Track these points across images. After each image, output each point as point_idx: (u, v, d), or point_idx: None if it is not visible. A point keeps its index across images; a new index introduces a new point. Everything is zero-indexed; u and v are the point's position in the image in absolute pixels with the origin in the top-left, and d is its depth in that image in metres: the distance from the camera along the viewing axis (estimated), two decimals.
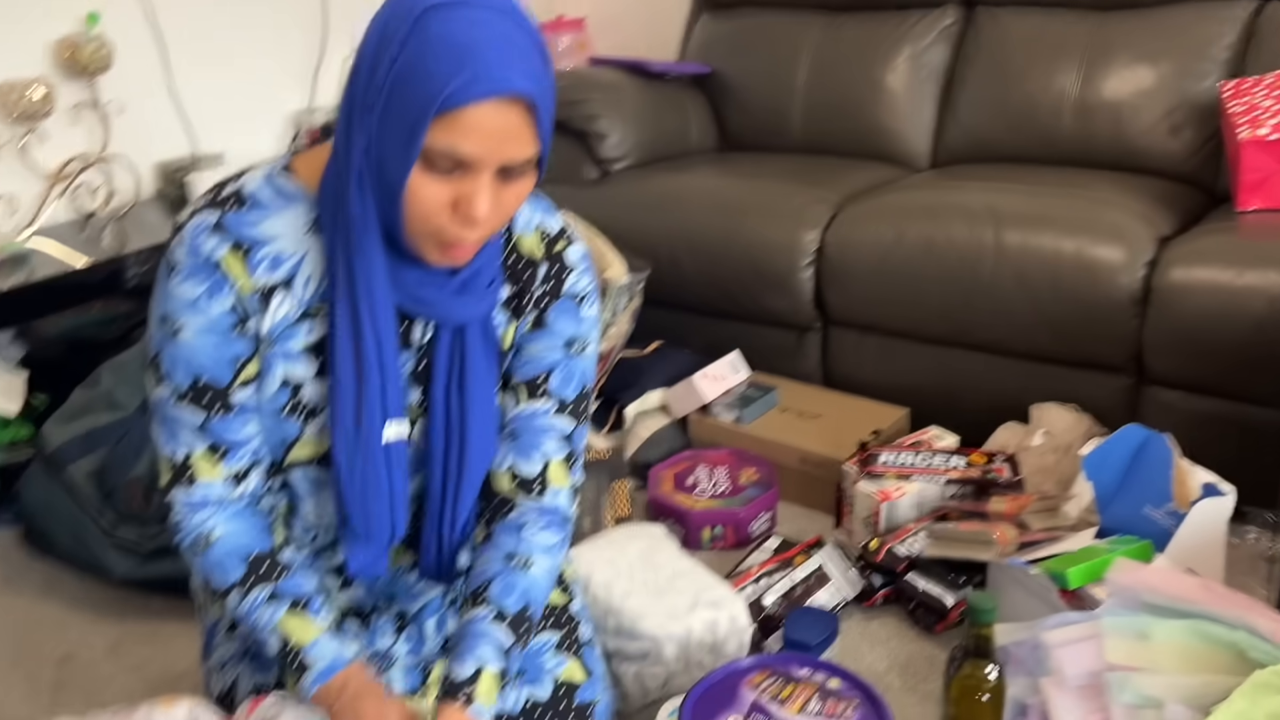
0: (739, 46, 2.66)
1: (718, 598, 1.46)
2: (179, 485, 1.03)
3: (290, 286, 0.99)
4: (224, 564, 1.01)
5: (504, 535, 1.08)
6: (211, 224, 0.97)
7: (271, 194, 0.99)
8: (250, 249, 0.97)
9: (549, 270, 1.09)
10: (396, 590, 1.17)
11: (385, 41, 0.88)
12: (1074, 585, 1.38)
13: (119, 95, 2.30)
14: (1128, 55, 2.22)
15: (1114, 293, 1.78)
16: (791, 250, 2.08)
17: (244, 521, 1.03)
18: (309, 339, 1.01)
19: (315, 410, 1.03)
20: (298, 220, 0.99)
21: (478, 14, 0.87)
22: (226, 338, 0.98)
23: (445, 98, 0.85)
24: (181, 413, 1.00)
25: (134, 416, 1.79)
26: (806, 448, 1.92)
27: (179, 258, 0.97)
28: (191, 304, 0.97)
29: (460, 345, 1.04)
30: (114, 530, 1.72)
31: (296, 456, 1.05)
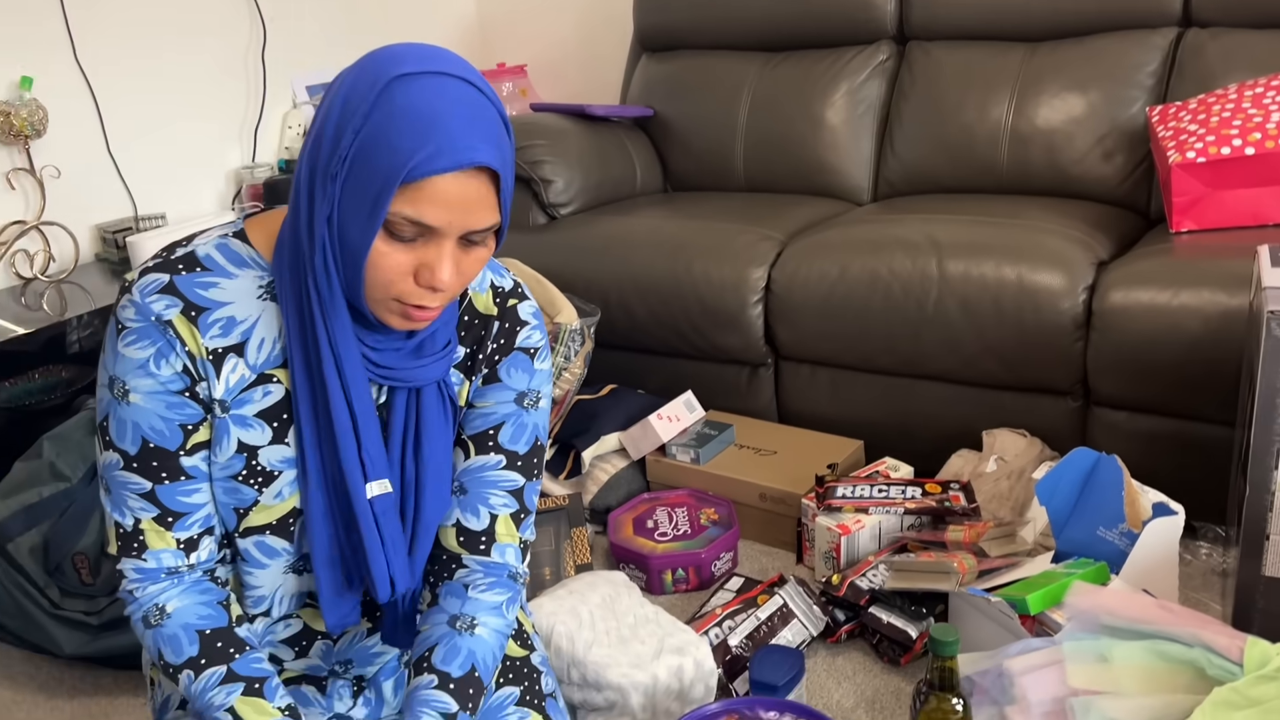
0: (679, 88, 2.69)
1: (682, 643, 1.45)
2: (129, 555, 1.00)
3: (243, 351, 0.98)
4: (177, 639, 0.99)
5: (449, 598, 1.07)
6: (162, 284, 0.95)
7: (224, 258, 0.98)
8: (201, 312, 0.96)
9: (501, 326, 1.09)
10: (354, 655, 1.15)
11: (349, 110, 0.88)
12: (1034, 611, 1.39)
13: (55, 159, 2.27)
14: (1058, 84, 2.28)
15: (1057, 318, 1.82)
16: (740, 288, 2.10)
17: (198, 595, 1.01)
18: (263, 404, 1.00)
19: (271, 476, 1.02)
20: (250, 285, 0.98)
21: (443, 83, 0.88)
22: (176, 402, 0.97)
23: (410, 169, 0.85)
24: (130, 479, 0.98)
25: (78, 487, 1.75)
26: (765, 484, 1.92)
27: (128, 318, 0.95)
28: (140, 366, 0.95)
29: (416, 406, 1.04)
30: (61, 605, 1.67)
31: (251, 523, 1.03)
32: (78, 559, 1.74)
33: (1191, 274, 1.73)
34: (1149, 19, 2.25)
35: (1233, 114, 1.91)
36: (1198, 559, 1.76)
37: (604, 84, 3.10)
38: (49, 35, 2.27)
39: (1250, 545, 1.39)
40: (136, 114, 2.44)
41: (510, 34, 3.25)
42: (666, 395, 2.21)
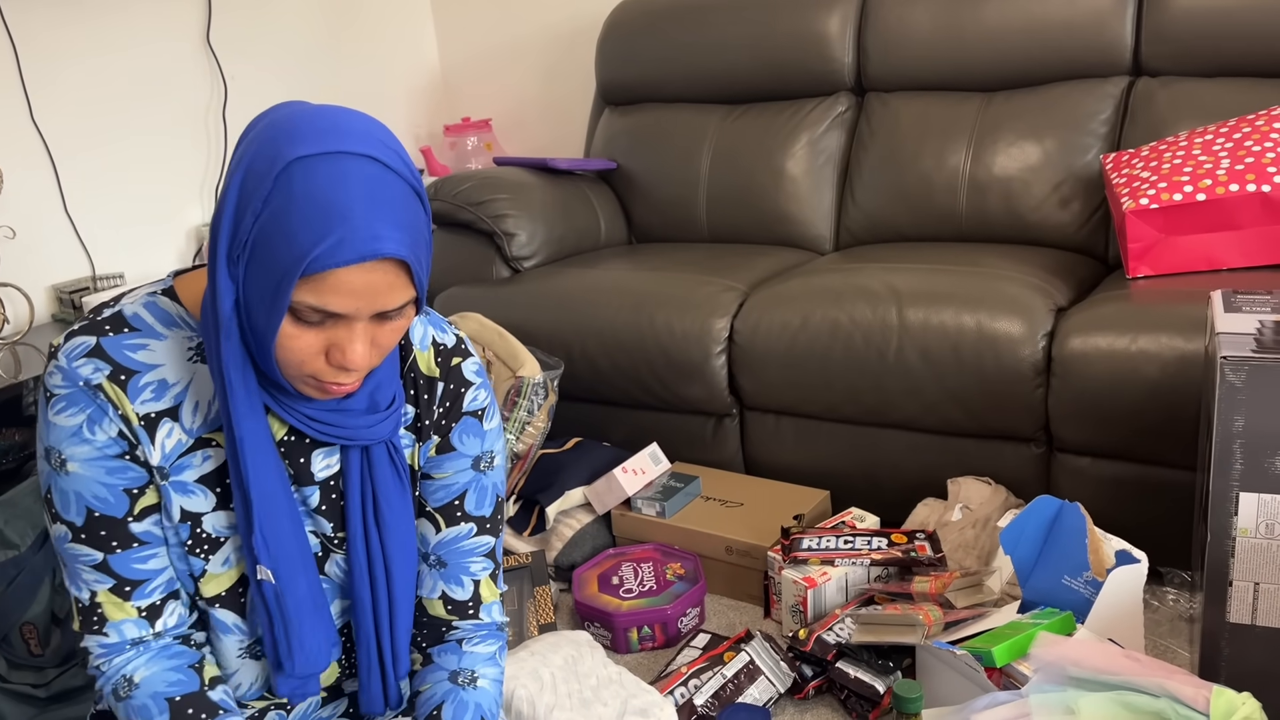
0: (642, 141, 2.71)
1: (645, 704, 1.42)
2: (90, 630, 0.97)
3: (178, 415, 0.95)
4: (146, 710, 0.95)
5: (446, 655, 1.08)
6: (89, 348, 0.92)
7: (153, 317, 0.95)
8: (132, 375, 0.93)
9: (446, 389, 1.07)
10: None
11: (247, 194, 0.84)
12: (1000, 663, 1.38)
13: (10, 219, 2.25)
14: (1014, 133, 2.31)
15: (1017, 365, 1.82)
16: (703, 339, 2.10)
17: (166, 661, 0.98)
18: (203, 469, 0.97)
19: (217, 542, 0.99)
20: (179, 346, 0.95)
21: (344, 165, 0.83)
22: (117, 466, 0.94)
23: (309, 262, 0.82)
24: (80, 550, 0.95)
25: (26, 555, 1.71)
26: (731, 537, 1.90)
27: (55, 385, 0.92)
28: (74, 434, 0.92)
29: (369, 469, 1.02)
30: (8, 678, 1.62)
31: (205, 593, 1.01)
32: (25, 629, 1.69)
33: (1148, 319, 1.75)
34: (1101, 69, 2.29)
35: (1184, 161, 1.94)
36: (1165, 605, 1.75)
37: (567, 137, 3.12)
38: (4, 95, 2.25)
39: (1214, 592, 1.38)
40: (94, 173, 2.43)
41: (474, 88, 3.27)
42: (632, 447, 2.19)
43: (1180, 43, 2.20)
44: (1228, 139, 1.94)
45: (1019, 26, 2.32)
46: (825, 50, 2.54)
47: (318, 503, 1.03)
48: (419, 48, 3.26)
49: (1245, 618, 1.38)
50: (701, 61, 2.66)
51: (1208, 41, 2.16)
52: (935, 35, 2.41)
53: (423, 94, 3.27)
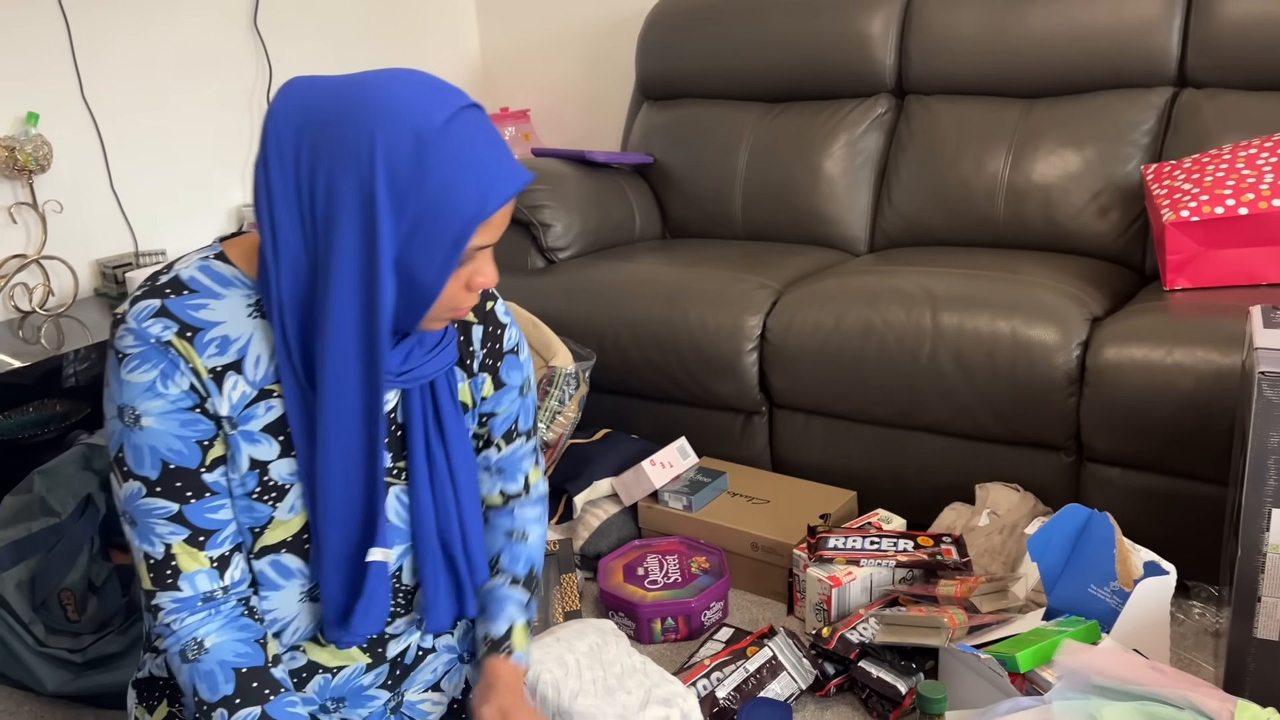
0: (680, 136, 2.71)
1: (669, 694, 1.43)
2: (163, 586, 1.00)
3: (241, 368, 1.00)
4: (213, 676, 0.98)
5: (500, 517, 1.25)
6: (155, 309, 0.97)
7: (209, 279, 1.00)
8: (197, 332, 0.98)
9: (485, 331, 1.17)
10: (348, 693, 1.14)
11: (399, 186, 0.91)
12: (1024, 669, 1.38)
13: (58, 194, 2.29)
14: (1054, 140, 2.30)
15: (1050, 373, 1.82)
16: (735, 336, 2.11)
17: (236, 631, 1.01)
18: (267, 418, 1.01)
19: (284, 490, 1.03)
20: (238, 304, 1.00)
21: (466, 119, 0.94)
22: (190, 419, 0.98)
23: (484, 210, 0.93)
24: (155, 504, 0.98)
25: (67, 523, 1.74)
26: (757, 533, 1.92)
27: (127, 346, 0.96)
28: (148, 389, 0.96)
29: (433, 400, 1.09)
30: (45, 642, 1.66)
31: (267, 541, 1.04)
32: (64, 595, 1.73)
33: (1185, 332, 1.74)
34: (1145, 79, 2.27)
35: (1226, 174, 1.93)
36: (1190, 618, 1.75)
37: (605, 130, 3.13)
38: (57, 72, 2.29)
39: (1242, 607, 1.38)
40: (140, 150, 2.46)
41: (513, 79, 3.29)
42: (660, 441, 2.21)
43: (1227, 54, 2.18)
44: (1272, 153, 1.92)
45: (1063, 33, 2.31)
46: (867, 51, 2.54)
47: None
48: (461, 36, 3.28)
49: (1273, 634, 1.38)
50: (742, 58, 2.66)
51: (1255, 54, 2.15)
52: (979, 40, 2.40)
53: (463, 83, 3.29)
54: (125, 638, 1.66)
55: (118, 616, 1.71)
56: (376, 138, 0.90)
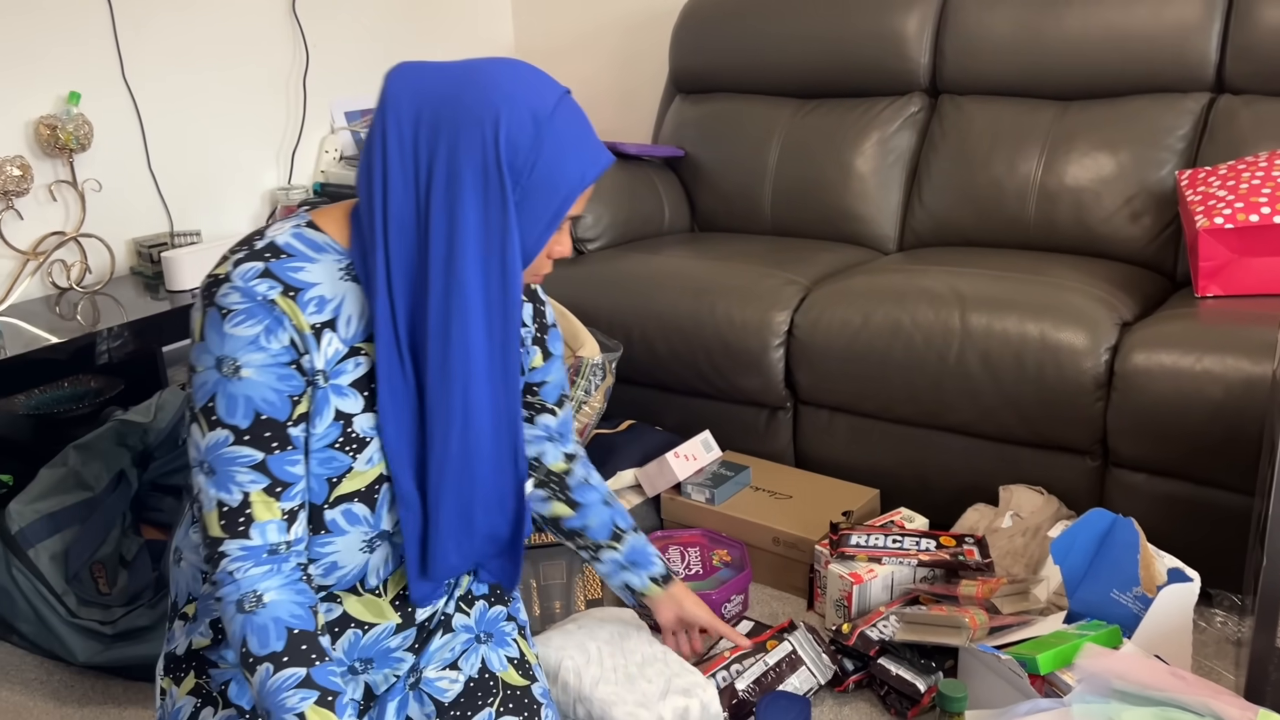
0: (711, 130, 2.72)
1: (689, 684, 1.45)
2: (234, 533, 1.03)
3: (335, 327, 1.07)
4: (266, 631, 1.01)
5: (587, 492, 1.41)
6: (259, 270, 1.03)
7: (303, 245, 1.07)
8: (297, 292, 1.04)
9: (534, 308, 1.31)
10: (375, 654, 1.17)
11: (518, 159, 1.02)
12: (1044, 671, 1.39)
13: (97, 173, 2.32)
14: (1088, 143, 2.29)
15: (1078, 377, 1.82)
16: (762, 331, 2.11)
17: (294, 594, 1.04)
18: (355, 374, 1.08)
19: (364, 442, 1.08)
20: (331, 268, 1.07)
21: (568, 103, 1.06)
22: (285, 374, 1.04)
23: (583, 182, 1.06)
24: (240, 452, 1.03)
25: (101, 497, 1.77)
26: (779, 528, 1.93)
27: (233, 302, 1.02)
28: (251, 342, 1.02)
29: None
30: (77, 614, 1.69)
31: (342, 491, 1.09)
32: (96, 568, 1.76)
33: (1216, 339, 1.73)
34: (1182, 83, 2.26)
35: (1263, 181, 1.92)
36: (1212, 626, 1.75)
37: (637, 123, 3.14)
38: (99, 53, 2.32)
39: (1265, 617, 1.38)
40: (178, 132, 2.49)
41: (547, 69, 3.29)
42: (684, 434, 2.22)
43: (1266, 62, 2.17)
44: None
45: (1100, 36, 2.30)
46: (902, 49, 2.53)
47: None
48: (496, 26, 3.30)
49: None
50: (776, 54, 2.66)
51: None
52: (1014, 41, 2.39)
53: None
54: (154, 612, 1.69)
55: (147, 590, 1.75)
56: (500, 117, 1.01)
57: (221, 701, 1.13)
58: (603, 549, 1.42)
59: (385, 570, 1.16)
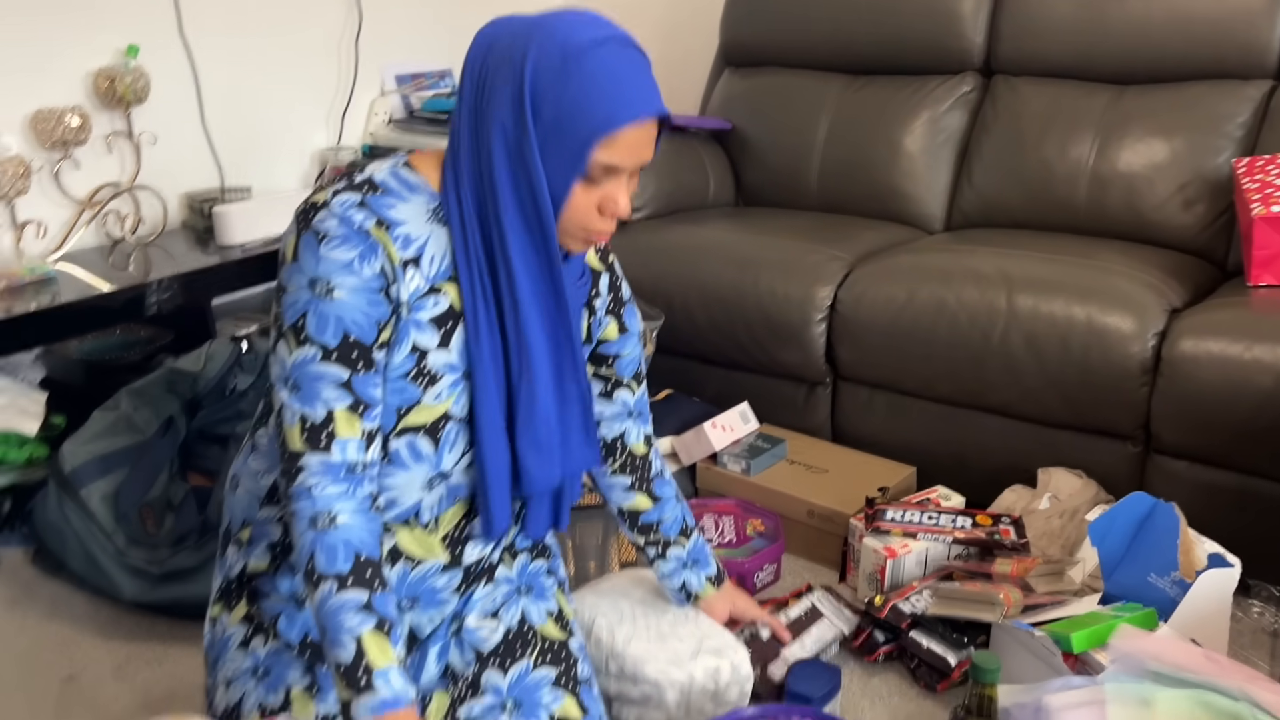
0: (760, 104, 2.71)
1: (720, 645, 1.46)
2: (315, 448, 1.06)
3: (419, 264, 1.10)
4: (336, 550, 1.04)
5: (664, 486, 1.44)
6: (356, 202, 1.07)
7: (398, 184, 1.11)
8: (390, 226, 1.08)
9: (610, 280, 1.31)
10: (421, 593, 1.19)
11: (540, 87, 1.03)
12: (1078, 649, 1.39)
13: (152, 126, 2.36)
14: (1143, 129, 2.26)
15: (1124, 361, 1.80)
16: (805, 305, 2.11)
17: (365, 519, 1.07)
18: (434, 312, 1.11)
19: (435, 378, 1.12)
20: (421, 208, 1.11)
21: (614, 47, 1.05)
22: (375, 299, 1.07)
23: (608, 121, 1.03)
24: (328, 369, 1.06)
25: (152, 441, 1.81)
26: (814, 500, 1.93)
27: (331, 228, 1.06)
28: (345, 266, 1.05)
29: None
30: (126, 553, 1.74)
31: (409, 423, 1.12)
32: (144, 510, 1.80)
33: (1267, 328, 1.71)
34: (1243, 70, 2.22)
35: None
36: (1249, 616, 1.73)
37: (684, 94, 3.13)
38: (158, 8, 2.35)
39: None
40: (232, 89, 2.52)
41: None
42: (722, 406, 2.22)
43: None
44: None
45: (1163, 19, 2.27)
46: (956, 28, 2.51)
47: None
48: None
49: None
50: (828, 29, 2.64)
51: None
52: (1074, 22, 2.36)
53: None
54: (200, 554, 1.73)
55: (193, 534, 1.79)
56: (530, 48, 1.03)
57: (273, 632, 1.16)
58: (671, 546, 1.44)
59: (438, 509, 1.18)
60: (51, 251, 2.23)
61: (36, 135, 2.16)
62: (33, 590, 1.84)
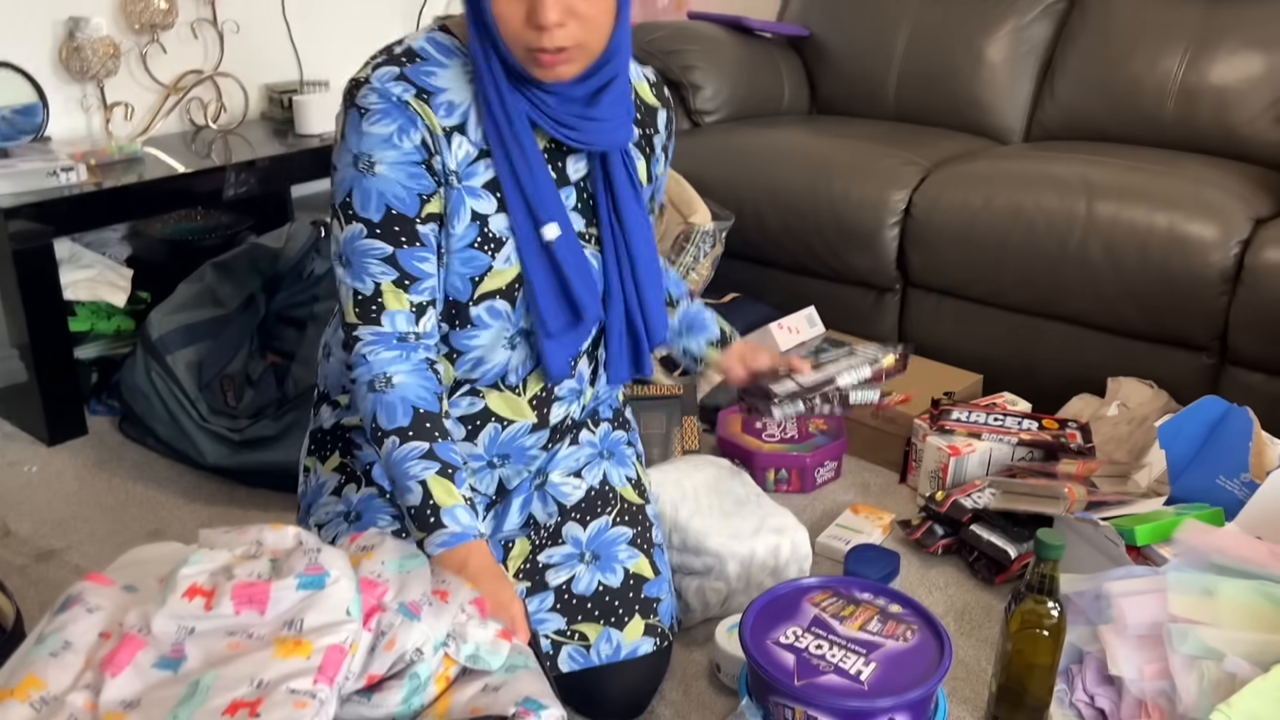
0: (839, 11, 2.66)
1: (781, 525, 1.49)
2: (367, 320, 1.10)
3: (465, 130, 1.10)
4: (395, 407, 1.08)
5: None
6: (395, 74, 1.08)
7: (435, 50, 1.10)
8: (430, 95, 1.08)
9: (668, 115, 1.28)
10: (512, 450, 1.23)
11: None
12: (1141, 542, 1.39)
13: (236, 14, 2.39)
14: (1236, 41, 2.18)
15: (1204, 270, 1.77)
16: (878, 209, 2.10)
17: (421, 378, 1.10)
18: (487, 175, 1.12)
19: (500, 242, 1.13)
20: (460, 72, 1.11)
21: None
22: (416, 172, 1.08)
23: None
24: (373, 245, 1.09)
25: (233, 315, 1.87)
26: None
27: (371, 103, 1.07)
28: (385, 140, 1.07)
29: (606, 173, 1.17)
30: (208, 419, 1.80)
31: (486, 289, 1.15)
32: (225, 382, 1.87)
33: None
34: None
35: None
36: None
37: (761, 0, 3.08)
38: None
39: None
40: None
41: None
42: (787, 311, 2.22)
43: None
44: None
45: None
46: None
47: (574, 202, 1.18)
48: None
49: None
50: None
51: None
52: None
53: None
54: (278, 424, 1.79)
55: (270, 407, 1.85)
56: None
57: (365, 480, 1.21)
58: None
59: (524, 369, 1.21)
60: (138, 135, 2.28)
61: (125, 17, 2.20)
62: (120, 454, 1.92)
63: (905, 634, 1.20)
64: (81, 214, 1.93)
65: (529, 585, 1.20)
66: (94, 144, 2.12)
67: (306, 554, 0.83)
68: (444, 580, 0.91)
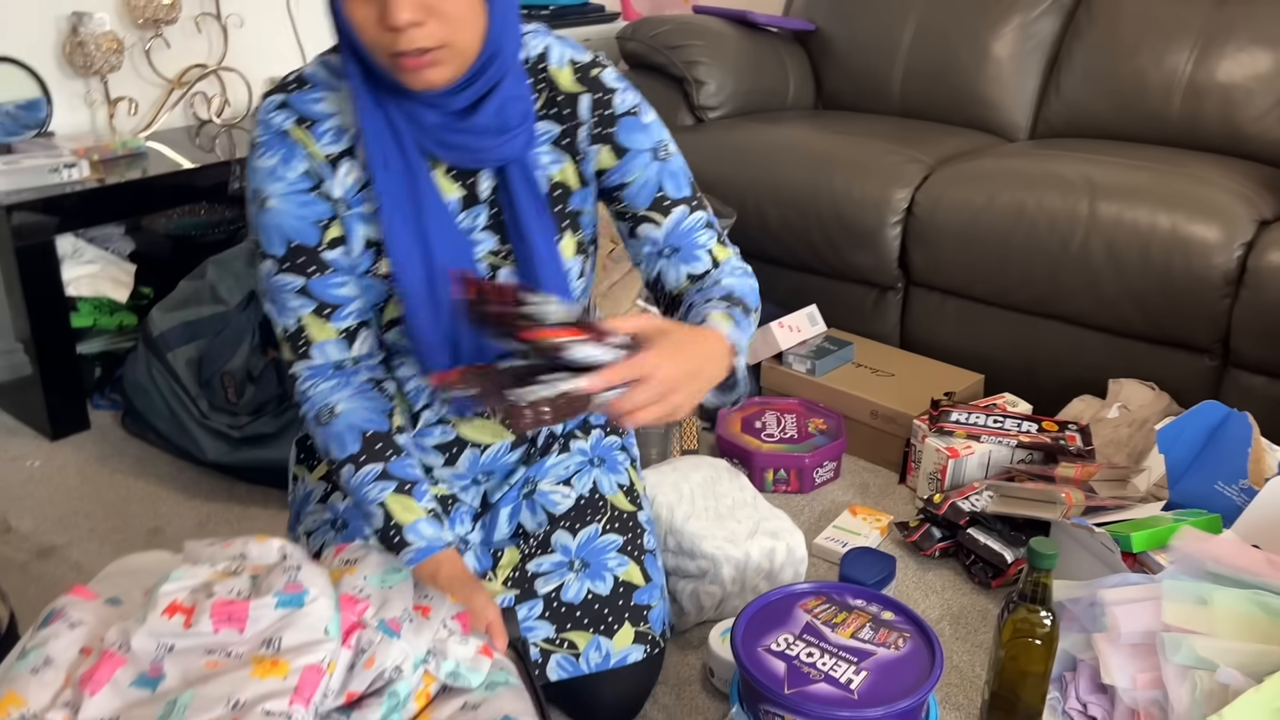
0: (845, 5, 2.64)
1: (777, 528, 1.49)
2: (298, 355, 1.10)
3: (354, 155, 1.07)
4: (343, 437, 1.08)
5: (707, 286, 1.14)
6: (278, 102, 1.06)
7: (325, 74, 1.07)
8: (313, 123, 1.05)
9: (593, 99, 1.11)
10: (495, 468, 1.23)
11: None
12: (1137, 549, 1.38)
13: (240, 8, 2.38)
14: (1246, 38, 2.16)
15: (1207, 272, 1.76)
16: (881, 207, 2.09)
17: (365, 400, 1.10)
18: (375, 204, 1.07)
19: None
20: (349, 95, 1.05)
21: None
22: (307, 200, 1.06)
23: None
24: (285, 279, 1.08)
25: (234, 312, 1.87)
26: (878, 401, 1.93)
27: (257, 136, 1.07)
28: (271, 173, 1.05)
29: (506, 189, 1.09)
30: (208, 416, 1.81)
31: (391, 315, 1.13)
32: (225, 378, 1.87)
33: None
34: None
35: None
36: None
37: None
38: None
39: None
40: None
41: None
42: (790, 308, 2.22)
43: None
44: None
45: None
46: None
47: (485, 221, 1.12)
48: None
49: None
50: None
51: None
52: None
53: None
54: (278, 421, 1.79)
55: (271, 403, 1.85)
56: None
57: None
58: None
59: None
60: (142, 130, 2.29)
61: (129, 12, 2.20)
62: (122, 449, 1.93)
63: (897, 641, 1.20)
64: (85, 209, 1.94)
65: (518, 593, 1.21)
66: (97, 139, 2.13)
67: (286, 571, 0.84)
68: (427, 595, 0.91)
